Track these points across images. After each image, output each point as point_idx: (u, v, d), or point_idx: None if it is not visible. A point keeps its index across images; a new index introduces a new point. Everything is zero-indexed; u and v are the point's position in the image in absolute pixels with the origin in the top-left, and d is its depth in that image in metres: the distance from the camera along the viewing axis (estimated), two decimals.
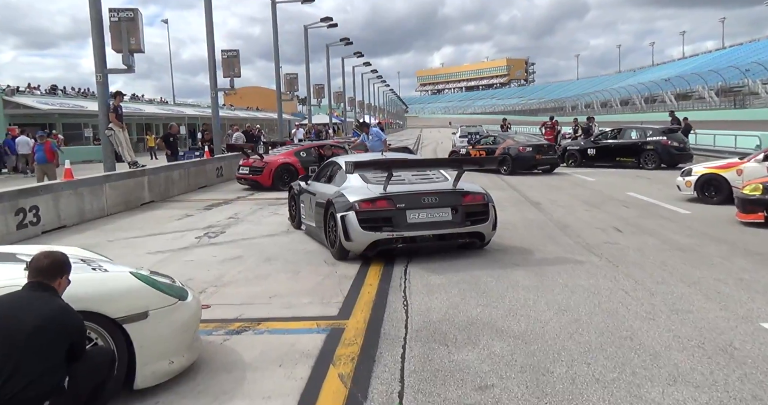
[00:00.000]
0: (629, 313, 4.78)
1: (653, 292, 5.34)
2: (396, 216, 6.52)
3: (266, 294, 5.51)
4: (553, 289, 5.48)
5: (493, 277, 5.92)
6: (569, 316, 4.71)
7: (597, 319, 4.65)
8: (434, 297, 5.30)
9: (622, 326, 4.48)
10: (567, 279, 5.82)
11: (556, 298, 5.24)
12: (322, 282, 5.89)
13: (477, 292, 5.41)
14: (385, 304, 5.11)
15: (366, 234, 6.46)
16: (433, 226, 6.65)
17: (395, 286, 5.66)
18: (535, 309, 4.94)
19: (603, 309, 4.89)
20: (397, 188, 6.77)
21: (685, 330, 4.36)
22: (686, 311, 4.79)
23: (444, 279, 5.88)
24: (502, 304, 5.07)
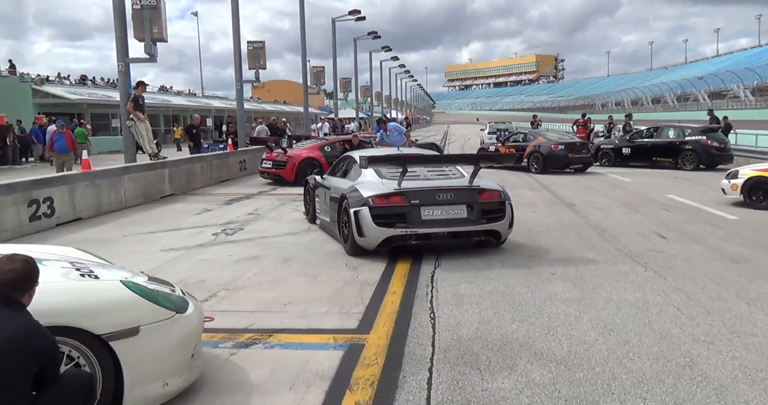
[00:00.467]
0: (684, 334, 4.25)
1: (709, 309, 4.79)
2: (410, 212, 6.38)
3: (281, 300, 5.08)
4: (596, 304, 4.96)
5: (529, 287, 5.42)
6: (617, 338, 4.19)
7: (648, 341, 4.13)
8: (464, 309, 4.81)
9: (679, 351, 3.95)
10: (611, 292, 5.29)
11: (600, 314, 4.72)
12: (342, 288, 5.43)
13: (511, 305, 4.91)
14: (409, 316, 4.64)
15: (379, 230, 6.33)
16: (448, 224, 6.48)
17: (421, 295, 5.18)
18: (577, 327, 4.42)
19: (654, 329, 4.36)
20: (411, 184, 6.60)
21: (752, 357, 3.82)
22: (749, 334, 4.24)
23: (474, 288, 5.39)
24: (540, 320, 4.56)
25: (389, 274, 5.94)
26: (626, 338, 4.19)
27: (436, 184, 6.72)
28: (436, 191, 6.54)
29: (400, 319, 4.55)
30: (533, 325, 4.45)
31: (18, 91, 31.78)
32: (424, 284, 5.52)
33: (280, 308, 4.88)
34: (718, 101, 58.92)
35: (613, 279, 5.69)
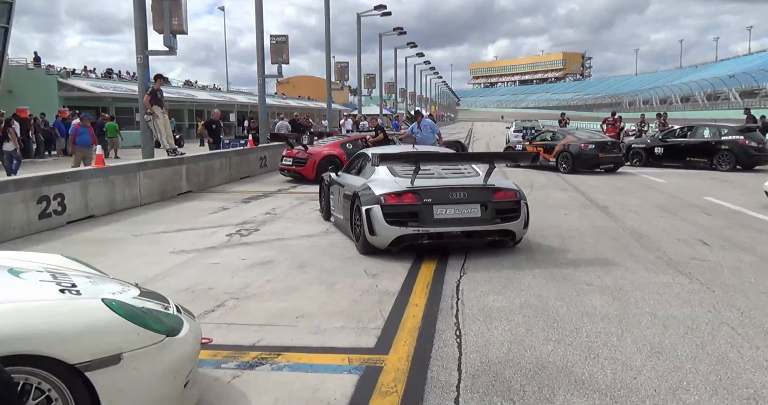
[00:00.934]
0: (743, 359, 3.76)
1: (767, 329, 4.30)
2: (422, 211, 6.23)
3: (293, 312, 4.67)
4: (639, 321, 4.48)
5: (563, 300, 4.95)
6: (667, 363, 3.72)
7: (704, 367, 3.65)
8: (493, 326, 4.36)
9: (739, 380, 3.47)
10: (655, 307, 4.80)
11: (644, 334, 4.24)
12: (360, 299, 5.01)
13: (545, 322, 4.45)
14: (433, 333, 4.19)
15: (391, 229, 6.20)
16: (461, 223, 6.33)
17: (446, 309, 4.74)
18: (621, 349, 3.95)
19: (708, 353, 3.87)
20: (425, 182, 6.46)
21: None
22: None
23: (504, 300, 4.93)
24: (579, 340, 4.09)
25: (411, 282, 5.51)
26: (678, 363, 3.71)
27: (449, 183, 6.58)
28: (449, 190, 6.39)
29: (422, 337, 4.11)
30: (571, 346, 3.99)
31: (43, 84, 31.92)
32: (448, 295, 5.08)
33: (292, 321, 4.48)
34: (750, 100, 57.20)
35: (655, 291, 5.20)
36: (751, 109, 24.64)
